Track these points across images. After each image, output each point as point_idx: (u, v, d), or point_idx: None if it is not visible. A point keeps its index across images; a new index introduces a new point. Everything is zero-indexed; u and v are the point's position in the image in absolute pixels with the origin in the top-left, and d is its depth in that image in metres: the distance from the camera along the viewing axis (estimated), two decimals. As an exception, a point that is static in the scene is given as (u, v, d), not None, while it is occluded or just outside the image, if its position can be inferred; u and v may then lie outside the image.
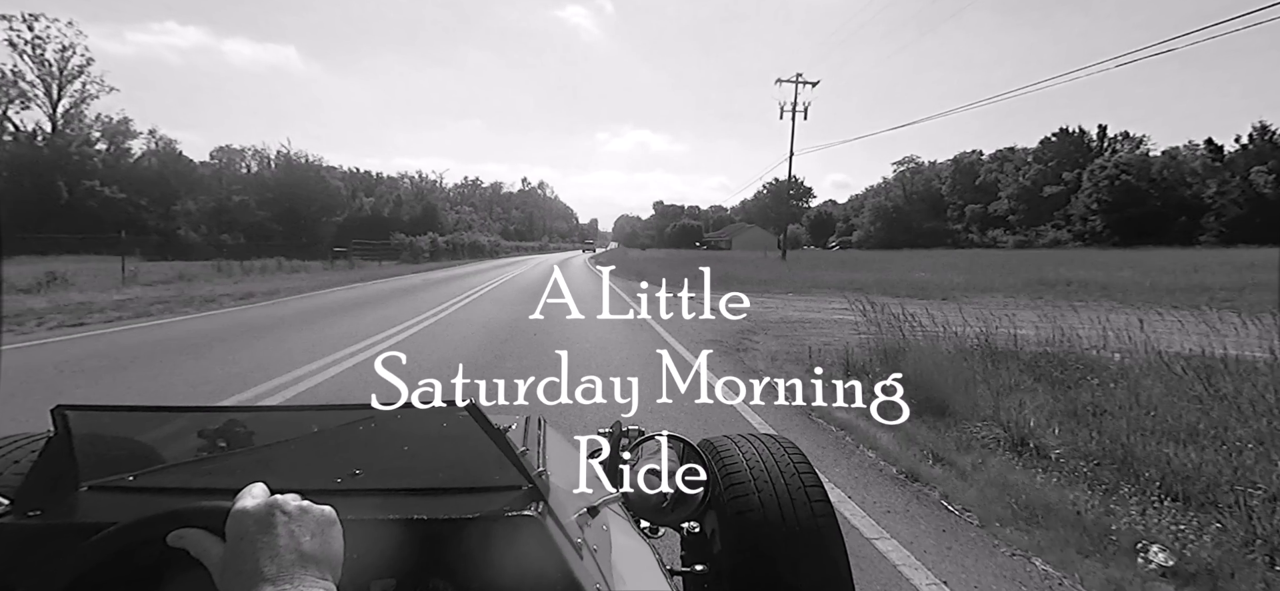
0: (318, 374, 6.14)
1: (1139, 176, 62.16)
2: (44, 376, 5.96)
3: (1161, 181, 62.36)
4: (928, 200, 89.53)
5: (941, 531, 2.97)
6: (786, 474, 1.33)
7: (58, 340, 7.99)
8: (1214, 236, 55.65)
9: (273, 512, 0.58)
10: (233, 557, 0.56)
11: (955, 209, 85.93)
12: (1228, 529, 2.69)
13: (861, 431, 4.35)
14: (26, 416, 3.59)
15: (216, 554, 0.58)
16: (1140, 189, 61.58)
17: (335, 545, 0.60)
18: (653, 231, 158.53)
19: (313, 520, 0.60)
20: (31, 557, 0.69)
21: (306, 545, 0.57)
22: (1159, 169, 63.21)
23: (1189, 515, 2.88)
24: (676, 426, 1.65)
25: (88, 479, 0.81)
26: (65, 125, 49.90)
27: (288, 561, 0.55)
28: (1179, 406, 3.98)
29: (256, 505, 0.59)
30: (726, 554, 1.26)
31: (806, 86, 43.69)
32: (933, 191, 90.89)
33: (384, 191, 63.61)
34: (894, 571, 2.61)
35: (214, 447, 0.88)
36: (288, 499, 0.60)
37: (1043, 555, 2.69)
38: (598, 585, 0.75)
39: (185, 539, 0.59)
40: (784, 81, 43.66)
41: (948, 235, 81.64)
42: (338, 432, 0.91)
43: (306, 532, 0.58)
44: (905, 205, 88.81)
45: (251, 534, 0.56)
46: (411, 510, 0.75)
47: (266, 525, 0.57)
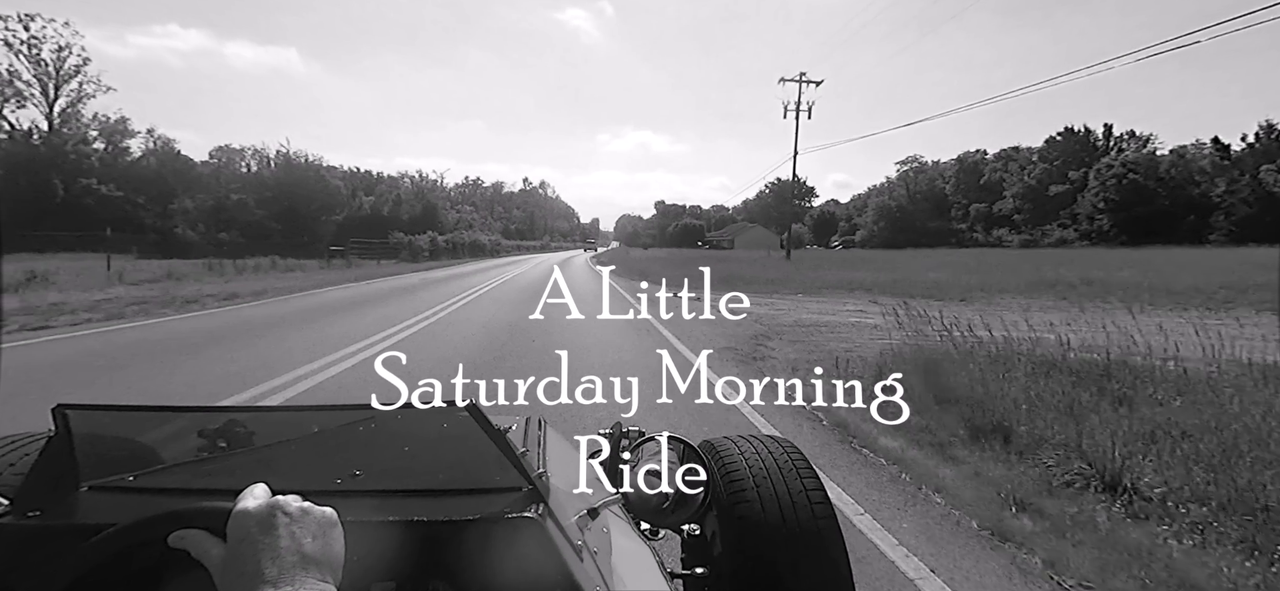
0: (278, 391, 5.49)
1: (1146, 175, 61.39)
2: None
3: (1170, 180, 61.58)
4: (931, 200, 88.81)
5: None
6: (787, 475, 1.31)
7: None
8: (1223, 235, 54.89)
9: (274, 514, 0.57)
10: (234, 559, 0.56)
11: (960, 208, 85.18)
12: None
13: (919, 467, 3.70)
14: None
15: (217, 555, 0.57)
16: (1148, 188, 60.82)
17: (336, 547, 0.60)
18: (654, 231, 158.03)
19: (314, 522, 0.59)
20: (31, 558, 0.69)
21: (308, 547, 0.56)
22: (1167, 168, 62.42)
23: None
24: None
25: (88, 479, 0.80)
26: (61, 124, 49.28)
27: (289, 563, 0.54)
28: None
29: (258, 506, 0.58)
30: (727, 556, 1.25)
31: (810, 86, 43.05)
32: (936, 191, 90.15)
33: (384, 190, 63.02)
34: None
35: (214, 448, 0.88)
36: (289, 500, 0.60)
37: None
38: (598, 587, 0.75)
39: (186, 539, 0.59)
40: (788, 81, 43.05)
41: (952, 234, 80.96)
42: (338, 433, 0.90)
43: (308, 534, 0.57)
44: (909, 205, 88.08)
45: (253, 535, 0.56)
46: (411, 511, 0.74)
47: (268, 526, 0.56)
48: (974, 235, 79.13)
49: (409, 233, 43.83)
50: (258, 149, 61.50)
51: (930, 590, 2.49)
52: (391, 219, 52.76)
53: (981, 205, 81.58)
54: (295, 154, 58.18)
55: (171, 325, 9.49)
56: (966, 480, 3.43)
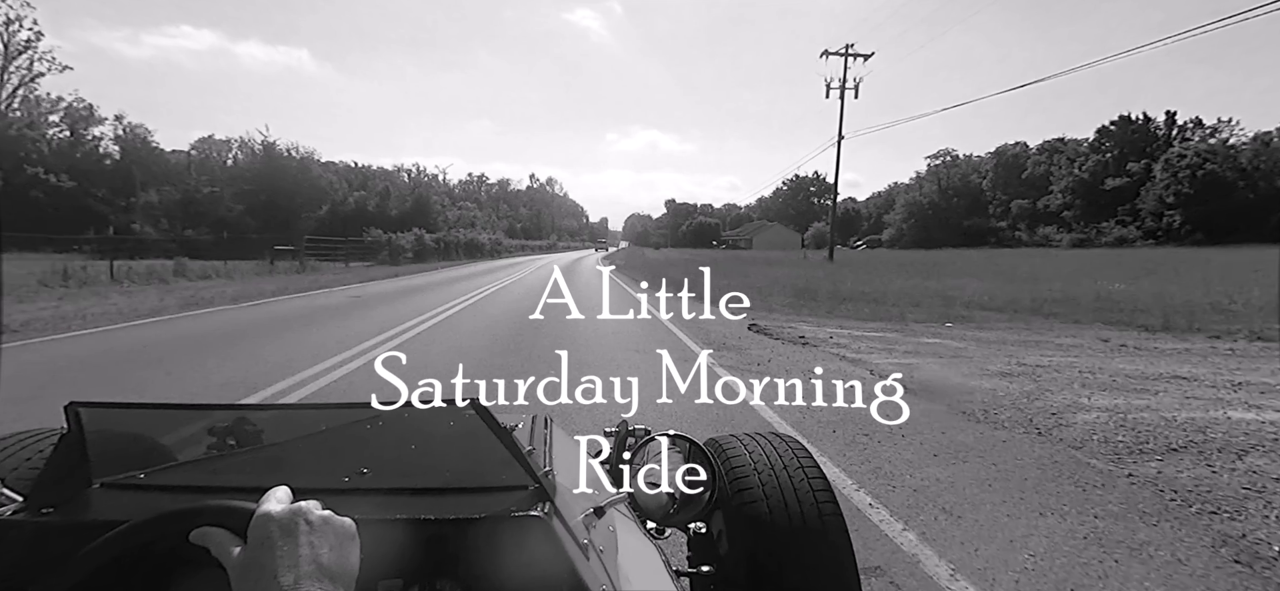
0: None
1: (1225, 166, 54.68)
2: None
3: (1253, 171, 54.82)
4: (965, 196, 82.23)
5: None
6: (793, 473, 1.30)
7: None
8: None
9: (296, 521, 0.57)
10: (252, 562, 0.55)
11: (1000, 204, 78.63)
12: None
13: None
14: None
15: (237, 555, 0.56)
16: (1226, 180, 54.10)
17: (352, 560, 0.59)
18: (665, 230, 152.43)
19: (334, 532, 0.58)
20: (45, 554, 0.68)
21: (325, 558, 0.56)
22: (1250, 158, 55.64)
23: None
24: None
25: (99, 476, 0.80)
26: (7, 107, 44.06)
27: (305, 572, 0.54)
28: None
29: (281, 511, 0.57)
30: (733, 554, 1.25)
31: (858, 60, 37.05)
32: (971, 186, 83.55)
33: (376, 185, 57.51)
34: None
35: (223, 445, 0.87)
36: (312, 507, 0.59)
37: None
38: (604, 586, 0.74)
39: (208, 537, 0.58)
40: (832, 54, 37.05)
41: (991, 233, 74.53)
42: (345, 431, 0.89)
43: (326, 545, 0.57)
44: (940, 201, 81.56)
45: (274, 540, 0.55)
46: (418, 510, 0.73)
47: (289, 532, 0.56)
48: (1016, 234, 72.65)
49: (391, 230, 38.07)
50: (244, 140, 56.44)
51: None
52: (377, 214, 47.23)
53: (1024, 201, 75.01)
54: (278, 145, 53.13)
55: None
56: None
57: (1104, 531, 2.92)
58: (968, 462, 3.84)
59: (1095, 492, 3.37)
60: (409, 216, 47.48)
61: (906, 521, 3.02)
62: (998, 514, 3.11)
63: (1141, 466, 3.73)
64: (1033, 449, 4.09)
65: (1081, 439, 4.23)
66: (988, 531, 2.92)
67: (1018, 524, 2.99)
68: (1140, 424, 4.47)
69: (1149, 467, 3.71)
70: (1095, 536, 2.87)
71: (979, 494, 3.37)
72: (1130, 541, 2.82)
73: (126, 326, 9.09)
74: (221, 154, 58.46)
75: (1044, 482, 3.52)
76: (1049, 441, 4.23)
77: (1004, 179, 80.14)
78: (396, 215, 48.43)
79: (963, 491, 3.39)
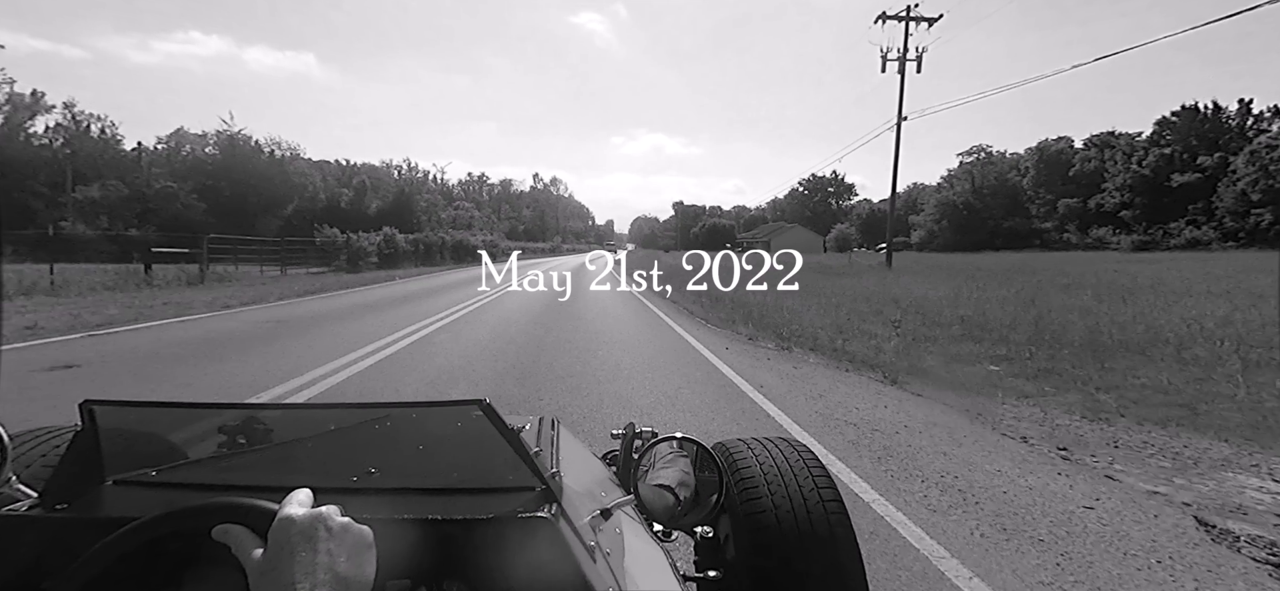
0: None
1: (1325, 158, 47.97)
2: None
3: (1360, 163, 48.10)
4: (1002, 195, 75.55)
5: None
6: (800, 476, 1.29)
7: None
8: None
9: (317, 527, 0.57)
10: (270, 564, 0.55)
11: (1044, 203, 71.87)
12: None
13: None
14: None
15: (256, 555, 0.56)
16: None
17: (368, 570, 0.59)
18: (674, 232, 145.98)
19: (352, 541, 0.58)
20: (59, 550, 0.68)
21: (342, 566, 0.56)
22: (1355, 147, 48.91)
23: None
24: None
25: (113, 473, 0.80)
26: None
27: (322, 579, 0.54)
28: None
29: (303, 516, 0.57)
30: (740, 558, 1.23)
31: (922, 26, 30.62)
32: (1008, 185, 76.87)
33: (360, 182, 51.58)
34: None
35: (234, 444, 0.87)
36: (332, 514, 0.59)
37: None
38: (610, 588, 0.74)
39: (229, 534, 0.58)
40: (889, 18, 30.63)
41: (1034, 235, 67.91)
42: (355, 430, 0.89)
43: (344, 553, 0.57)
44: (975, 201, 74.91)
45: (293, 544, 0.55)
46: (426, 510, 0.73)
47: (309, 537, 0.56)
48: (1065, 235, 65.98)
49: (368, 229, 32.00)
50: (221, 133, 50.56)
51: None
52: (353, 211, 41.20)
53: (1073, 200, 68.28)
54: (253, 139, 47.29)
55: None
56: None
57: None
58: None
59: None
60: (387, 215, 41.41)
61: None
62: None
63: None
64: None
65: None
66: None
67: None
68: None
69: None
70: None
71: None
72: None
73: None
74: (192, 148, 52.73)
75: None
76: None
77: (1046, 176, 73.47)
78: (374, 213, 42.38)
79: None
